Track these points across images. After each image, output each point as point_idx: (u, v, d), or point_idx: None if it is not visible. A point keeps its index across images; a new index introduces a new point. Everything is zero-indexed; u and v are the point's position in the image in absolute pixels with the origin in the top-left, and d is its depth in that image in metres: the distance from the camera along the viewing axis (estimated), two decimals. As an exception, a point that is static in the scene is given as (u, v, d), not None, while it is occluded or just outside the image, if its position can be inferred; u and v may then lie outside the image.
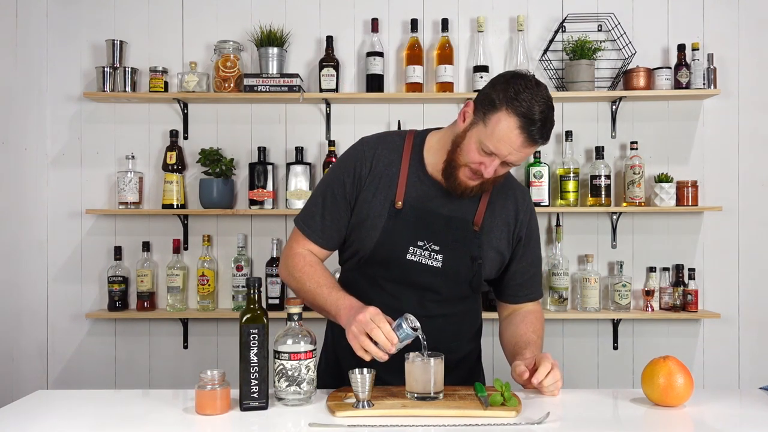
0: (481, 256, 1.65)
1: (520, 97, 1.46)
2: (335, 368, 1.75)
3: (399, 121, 3.00)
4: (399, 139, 1.70)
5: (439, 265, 1.63)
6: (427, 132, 1.72)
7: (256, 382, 1.41)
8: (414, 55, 2.93)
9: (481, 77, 2.92)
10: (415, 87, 2.92)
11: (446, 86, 2.92)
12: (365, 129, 2.93)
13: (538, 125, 1.47)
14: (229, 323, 3.03)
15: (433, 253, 1.63)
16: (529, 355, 1.61)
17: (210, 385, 1.40)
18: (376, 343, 1.44)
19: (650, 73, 2.92)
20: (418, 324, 1.45)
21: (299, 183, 2.91)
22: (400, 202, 1.63)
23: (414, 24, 2.96)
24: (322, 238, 1.69)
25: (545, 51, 2.98)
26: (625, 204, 2.93)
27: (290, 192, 2.91)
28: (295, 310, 1.48)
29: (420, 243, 1.63)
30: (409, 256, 1.62)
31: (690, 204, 2.89)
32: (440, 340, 1.66)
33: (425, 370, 1.45)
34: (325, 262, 1.74)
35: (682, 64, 2.91)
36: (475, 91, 2.92)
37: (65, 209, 3.04)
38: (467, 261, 1.64)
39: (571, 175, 2.91)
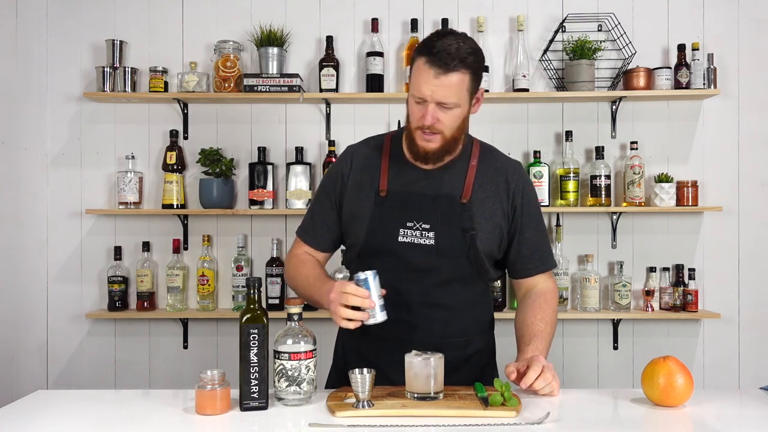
0: (473, 228, 1.66)
1: (429, 41, 1.58)
2: (344, 375, 1.74)
3: (399, 121, 3.00)
4: (380, 138, 1.80)
5: (432, 242, 1.65)
6: (403, 128, 1.78)
7: (256, 382, 1.41)
8: (414, 55, 2.93)
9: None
10: (415, 87, 2.92)
11: (446, 86, 2.91)
12: (365, 129, 2.93)
13: (443, 53, 1.53)
14: (229, 323, 3.03)
15: (424, 232, 1.65)
16: (530, 353, 1.61)
17: (210, 385, 1.40)
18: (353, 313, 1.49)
19: (650, 73, 2.92)
20: (368, 270, 1.51)
21: (299, 183, 2.91)
22: (384, 190, 1.68)
23: (414, 24, 2.96)
24: (313, 238, 1.79)
25: (545, 51, 2.98)
26: (625, 204, 2.93)
27: (290, 192, 2.91)
28: (295, 310, 1.48)
29: (409, 224, 1.66)
30: (400, 238, 1.65)
31: (690, 204, 2.89)
32: (447, 334, 1.67)
33: (425, 370, 1.45)
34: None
35: (682, 64, 2.91)
36: (475, 91, 2.92)
37: (65, 209, 3.04)
38: (459, 234, 1.65)
39: (571, 175, 2.91)
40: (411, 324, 1.66)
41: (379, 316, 1.50)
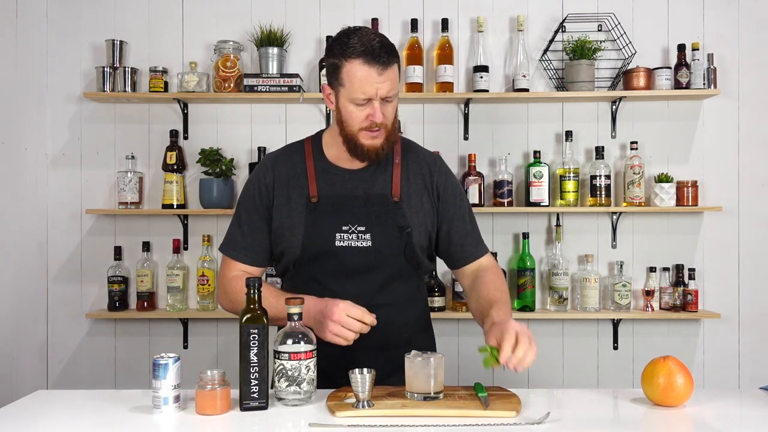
0: (408, 225, 1.67)
1: (349, 43, 1.58)
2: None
3: (399, 122, 3.00)
4: (298, 144, 1.80)
5: (369, 243, 1.66)
6: (321, 132, 1.80)
7: (256, 382, 1.41)
8: (414, 55, 2.93)
9: (481, 77, 2.92)
10: (415, 87, 2.92)
11: (446, 86, 2.92)
12: (365, 129, 2.93)
13: (377, 49, 1.56)
14: (229, 323, 3.03)
15: (360, 234, 1.66)
16: (496, 318, 1.52)
17: (210, 385, 1.40)
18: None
19: (650, 73, 2.92)
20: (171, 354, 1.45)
21: (299, 183, 2.91)
22: (315, 196, 1.68)
23: (414, 24, 2.96)
24: (247, 256, 1.73)
25: (545, 51, 2.98)
26: (625, 204, 2.93)
27: (290, 192, 2.91)
28: (295, 310, 1.48)
29: (345, 228, 1.66)
30: (337, 243, 1.65)
31: (690, 204, 2.89)
32: (390, 332, 1.68)
33: (425, 370, 1.45)
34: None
35: (682, 64, 2.91)
36: (475, 90, 2.92)
37: (65, 209, 3.04)
38: (395, 232, 1.67)
39: (571, 175, 2.91)
40: None
41: (170, 407, 1.40)
